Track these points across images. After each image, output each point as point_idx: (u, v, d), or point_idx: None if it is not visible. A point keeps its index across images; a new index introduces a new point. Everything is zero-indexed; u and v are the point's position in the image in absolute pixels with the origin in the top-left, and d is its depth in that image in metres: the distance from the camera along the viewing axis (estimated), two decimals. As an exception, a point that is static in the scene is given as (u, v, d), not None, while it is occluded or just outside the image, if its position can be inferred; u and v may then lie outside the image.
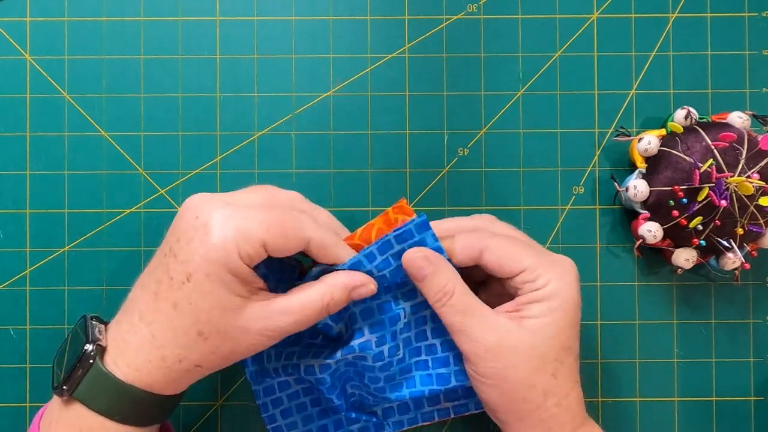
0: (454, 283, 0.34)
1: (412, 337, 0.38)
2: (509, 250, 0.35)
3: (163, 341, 0.31)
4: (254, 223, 0.31)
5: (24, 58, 0.42)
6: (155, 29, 0.42)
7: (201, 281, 0.30)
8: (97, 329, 0.33)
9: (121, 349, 0.32)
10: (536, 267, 0.34)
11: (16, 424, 0.42)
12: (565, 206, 0.43)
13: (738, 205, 0.38)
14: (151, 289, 0.32)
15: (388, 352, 0.37)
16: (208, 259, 0.30)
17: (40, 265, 0.42)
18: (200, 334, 0.31)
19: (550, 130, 0.43)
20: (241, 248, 0.30)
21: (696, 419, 0.42)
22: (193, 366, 0.32)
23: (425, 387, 0.38)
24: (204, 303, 0.31)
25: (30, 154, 0.42)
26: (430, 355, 0.38)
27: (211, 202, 0.32)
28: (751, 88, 0.43)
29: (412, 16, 0.43)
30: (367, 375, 0.38)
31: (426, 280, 0.34)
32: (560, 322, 0.34)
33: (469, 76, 0.43)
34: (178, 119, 0.42)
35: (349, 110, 0.42)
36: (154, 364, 0.31)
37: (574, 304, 0.34)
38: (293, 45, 0.43)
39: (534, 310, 0.34)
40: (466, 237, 0.35)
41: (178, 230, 0.32)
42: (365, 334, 0.36)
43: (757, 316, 0.43)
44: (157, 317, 0.31)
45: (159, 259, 0.33)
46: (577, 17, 0.43)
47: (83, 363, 0.32)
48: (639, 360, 0.42)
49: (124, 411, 0.32)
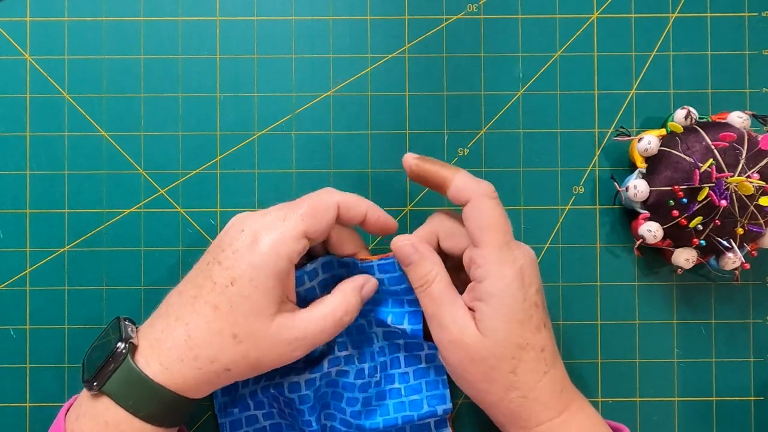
0: (436, 273, 0.35)
1: (388, 363, 0.40)
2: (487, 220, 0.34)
3: (197, 341, 0.33)
4: (292, 221, 0.34)
5: (24, 58, 0.42)
6: (155, 29, 0.42)
7: (244, 285, 0.33)
8: (130, 328, 0.35)
9: (154, 348, 0.33)
10: (488, 253, 0.34)
11: (16, 424, 0.42)
12: (565, 206, 0.43)
13: (738, 205, 0.38)
14: (191, 293, 0.34)
15: (368, 372, 0.38)
16: (254, 264, 0.33)
17: (40, 265, 0.42)
18: (234, 337, 0.33)
19: (550, 130, 0.43)
20: (289, 249, 0.33)
21: (696, 419, 0.42)
22: (223, 369, 0.33)
23: (398, 414, 0.39)
24: (243, 307, 0.33)
25: (30, 154, 0.42)
26: (403, 383, 0.40)
27: (253, 217, 0.35)
28: (751, 88, 0.43)
29: (412, 16, 0.43)
30: (345, 396, 0.38)
31: (411, 266, 0.36)
32: (507, 323, 0.34)
33: (469, 76, 0.43)
34: (178, 119, 0.42)
35: (349, 110, 0.42)
36: (185, 363, 0.33)
37: (518, 303, 0.34)
38: (293, 45, 0.43)
39: (481, 311, 0.34)
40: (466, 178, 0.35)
41: (224, 242, 0.34)
42: (348, 348, 0.38)
43: (757, 316, 0.43)
44: (195, 318, 0.33)
45: (201, 268, 0.35)
46: (577, 17, 0.43)
47: (115, 359, 0.33)
48: (639, 360, 0.42)
49: (149, 409, 0.33)
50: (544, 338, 0.35)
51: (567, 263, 0.42)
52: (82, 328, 0.42)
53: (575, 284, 0.42)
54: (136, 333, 0.35)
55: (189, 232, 0.42)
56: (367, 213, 0.36)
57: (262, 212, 0.35)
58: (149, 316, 0.35)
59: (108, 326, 0.36)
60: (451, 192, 0.35)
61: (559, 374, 0.35)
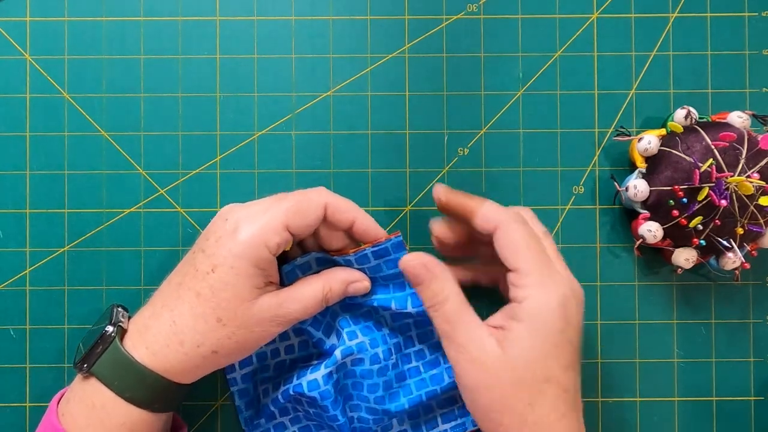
0: (448, 292, 0.34)
1: (401, 343, 0.39)
2: (519, 243, 0.34)
3: (182, 327, 0.34)
4: (274, 213, 0.34)
5: (24, 58, 0.42)
6: (155, 29, 0.42)
7: (225, 272, 0.33)
8: (121, 314, 0.36)
9: (141, 333, 0.34)
10: (528, 274, 0.33)
11: (16, 424, 0.42)
12: (565, 206, 0.43)
13: (738, 205, 0.38)
14: (176, 281, 0.35)
15: (383, 355, 0.38)
16: (235, 253, 0.33)
17: (40, 265, 0.42)
18: (219, 321, 0.34)
19: (550, 130, 0.43)
20: (268, 240, 0.34)
21: (696, 419, 0.42)
22: (210, 352, 0.34)
23: (421, 391, 0.39)
24: (225, 293, 0.33)
25: (30, 154, 0.42)
26: (420, 360, 0.40)
27: (239, 207, 0.35)
28: (751, 88, 0.43)
29: (412, 16, 0.43)
30: (366, 384, 0.38)
31: (422, 286, 0.35)
32: (536, 349, 0.32)
33: (469, 76, 0.43)
34: (178, 119, 0.42)
35: (349, 110, 0.42)
36: (171, 348, 0.34)
37: (553, 332, 0.32)
38: (293, 45, 0.43)
39: (514, 331, 0.33)
40: (493, 207, 0.35)
41: (209, 232, 0.35)
42: (358, 336, 0.38)
43: (757, 316, 0.43)
44: (179, 305, 0.34)
45: (187, 258, 0.36)
46: (577, 17, 0.43)
47: (103, 341, 0.34)
48: (639, 360, 0.42)
49: (134, 391, 0.33)
50: (571, 380, 0.33)
51: (567, 263, 0.42)
52: (82, 328, 0.42)
53: (575, 284, 0.42)
54: (126, 318, 0.36)
55: (189, 232, 0.42)
56: (355, 220, 0.36)
57: (248, 203, 0.36)
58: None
59: (103, 313, 0.37)
60: (478, 220, 0.35)
61: (576, 423, 0.33)
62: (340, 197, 0.36)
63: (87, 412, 0.34)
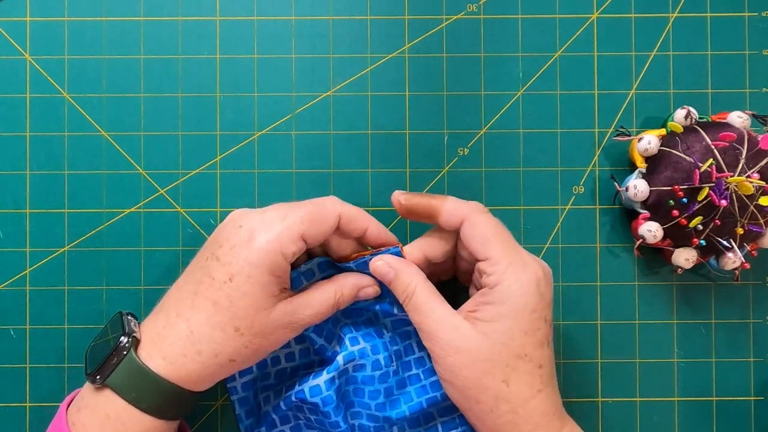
0: (416, 284, 0.35)
1: (402, 351, 0.39)
2: (487, 233, 0.35)
3: (200, 336, 0.33)
4: (290, 221, 0.34)
5: (24, 58, 0.42)
6: (155, 29, 0.42)
7: (242, 282, 0.33)
8: (132, 323, 0.35)
9: (156, 343, 0.34)
10: (499, 261, 0.34)
11: (16, 424, 0.42)
12: (565, 206, 0.43)
13: (738, 205, 0.38)
14: (190, 289, 0.34)
15: (384, 362, 0.38)
16: (251, 262, 0.33)
17: (40, 265, 0.42)
18: (236, 330, 0.33)
19: (550, 130, 0.43)
20: (285, 249, 0.33)
21: (696, 419, 0.42)
22: (227, 360, 0.34)
23: (422, 398, 0.39)
24: (242, 302, 0.33)
25: (30, 154, 0.42)
26: (420, 367, 0.39)
27: (252, 213, 0.35)
28: (751, 88, 0.43)
29: (412, 16, 0.43)
30: (367, 391, 0.38)
31: (392, 283, 0.36)
32: (510, 328, 0.33)
33: (469, 76, 0.43)
34: (178, 119, 0.42)
35: (349, 110, 0.42)
36: (189, 358, 0.33)
37: (528, 311, 0.34)
38: (293, 45, 0.43)
39: (486, 312, 0.34)
40: (456, 202, 0.36)
41: (221, 238, 0.35)
42: (360, 342, 0.38)
43: (757, 316, 0.43)
44: (195, 314, 0.34)
45: (200, 264, 0.35)
46: (577, 17, 0.43)
47: (118, 352, 0.33)
48: (639, 360, 0.42)
49: (151, 401, 0.33)
50: (545, 356, 0.34)
51: (567, 263, 0.42)
52: (82, 328, 0.42)
53: (575, 284, 0.42)
54: (139, 328, 0.35)
55: (189, 232, 0.42)
56: (368, 229, 0.36)
57: (260, 210, 0.35)
58: (150, 311, 0.36)
59: (110, 321, 0.36)
60: (443, 218, 0.36)
61: (553, 397, 0.35)
62: (351, 206, 0.36)
63: (100, 423, 0.33)
